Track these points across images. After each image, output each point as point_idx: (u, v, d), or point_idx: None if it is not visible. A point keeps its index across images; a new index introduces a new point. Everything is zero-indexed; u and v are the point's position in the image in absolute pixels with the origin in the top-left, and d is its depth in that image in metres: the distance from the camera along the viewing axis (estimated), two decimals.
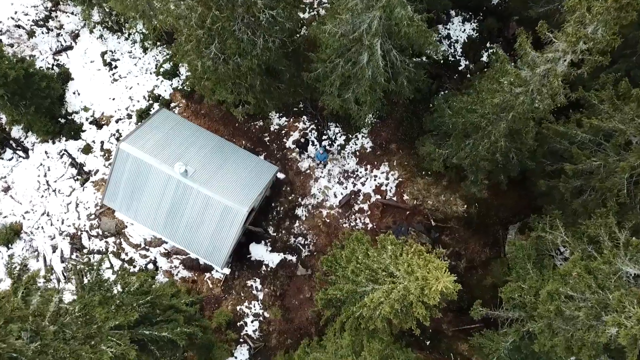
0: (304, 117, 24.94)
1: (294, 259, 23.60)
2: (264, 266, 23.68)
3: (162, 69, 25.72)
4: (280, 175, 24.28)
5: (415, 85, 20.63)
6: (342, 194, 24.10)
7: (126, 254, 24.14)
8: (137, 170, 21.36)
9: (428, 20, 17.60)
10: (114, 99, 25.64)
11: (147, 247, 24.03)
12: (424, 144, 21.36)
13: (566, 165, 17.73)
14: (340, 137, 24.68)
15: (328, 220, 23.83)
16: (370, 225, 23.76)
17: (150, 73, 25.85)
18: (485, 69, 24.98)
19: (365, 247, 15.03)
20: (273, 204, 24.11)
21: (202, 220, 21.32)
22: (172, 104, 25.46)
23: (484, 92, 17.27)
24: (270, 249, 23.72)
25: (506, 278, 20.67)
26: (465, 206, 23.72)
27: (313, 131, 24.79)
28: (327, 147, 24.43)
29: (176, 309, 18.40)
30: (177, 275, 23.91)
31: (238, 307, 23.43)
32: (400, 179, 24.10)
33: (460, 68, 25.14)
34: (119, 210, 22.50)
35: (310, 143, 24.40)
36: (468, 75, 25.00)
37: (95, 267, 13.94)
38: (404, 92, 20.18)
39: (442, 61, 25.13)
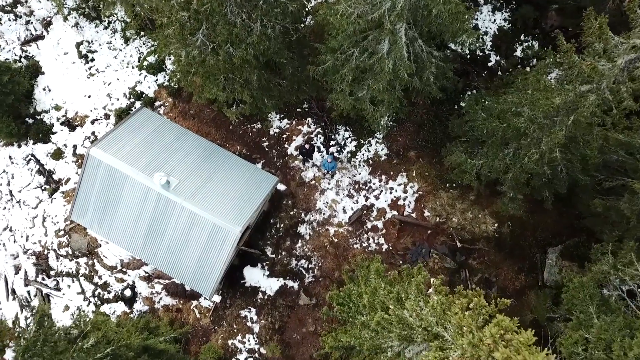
0: (309, 119, 21.55)
1: (295, 285, 20.16)
2: (260, 293, 20.25)
3: (145, 63, 22.37)
4: (281, 187, 20.88)
5: (441, 83, 17.31)
6: (352, 209, 20.68)
7: (100, 277, 20.72)
8: (111, 181, 18.00)
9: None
10: (89, 97, 22.30)
11: (124, 269, 20.61)
12: (451, 153, 17.97)
13: (635, 183, 14.29)
14: (350, 142, 21.27)
15: (336, 240, 20.40)
16: (385, 246, 20.33)
17: (132, 67, 22.51)
18: (519, 65, 21.68)
19: (395, 290, 11.52)
20: (272, 221, 20.70)
21: (187, 241, 17.93)
22: (157, 103, 22.08)
23: (536, 91, 13.85)
24: (267, 273, 20.30)
25: (551, 315, 17.45)
26: (497, 225, 20.29)
27: (319, 136, 21.40)
28: (336, 155, 21.02)
29: (152, 351, 15.03)
30: (158, 302, 20.48)
31: (230, 342, 20.00)
32: (420, 192, 20.68)
33: (490, 64, 21.73)
34: (90, 227, 19.13)
35: (316, 149, 20.99)
36: (499, 73, 21.59)
37: (36, 316, 10.47)
38: (430, 89, 16.82)
39: (468, 56, 21.77)
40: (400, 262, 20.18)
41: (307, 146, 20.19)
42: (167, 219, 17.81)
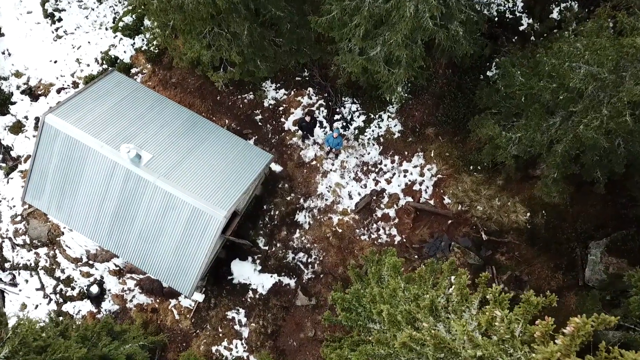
0: (310, 89, 18.55)
1: (292, 283, 17.17)
2: (250, 292, 17.27)
3: (121, 24, 19.40)
4: (276, 168, 17.90)
5: (471, 39, 14.31)
6: (359, 194, 17.69)
7: (62, 271, 17.73)
8: (70, 155, 15.02)
9: None
10: (56, 62, 19.41)
11: (90, 261, 17.62)
12: (482, 125, 14.95)
13: None
14: (358, 117, 18.26)
15: (340, 230, 17.40)
16: (398, 238, 17.32)
17: (106, 29, 19.57)
18: (556, 30, 18.62)
19: (428, 296, 8.42)
20: (265, 207, 17.71)
21: (162, 227, 14.94)
22: (134, 70, 19.12)
23: (599, 38, 10.84)
24: (259, 268, 17.35)
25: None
26: (529, 214, 17.29)
27: (321, 109, 18.40)
28: (341, 131, 18.00)
29: None
30: (131, 301, 17.50)
31: (214, 348, 17.01)
32: (439, 176, 17.69)
33: (521, 28, 18.69)
34: (47, 211, 16.12)
35: (318, 124, 17.99)
36: (532, 38, 18.56)
37: None
38: (458, 46, 13.81)
39: (496, 18, 18.74)
40: (416, 256, 17.19)
41: (307, 119, 17.16)
42: (137, 201, 14.82)
